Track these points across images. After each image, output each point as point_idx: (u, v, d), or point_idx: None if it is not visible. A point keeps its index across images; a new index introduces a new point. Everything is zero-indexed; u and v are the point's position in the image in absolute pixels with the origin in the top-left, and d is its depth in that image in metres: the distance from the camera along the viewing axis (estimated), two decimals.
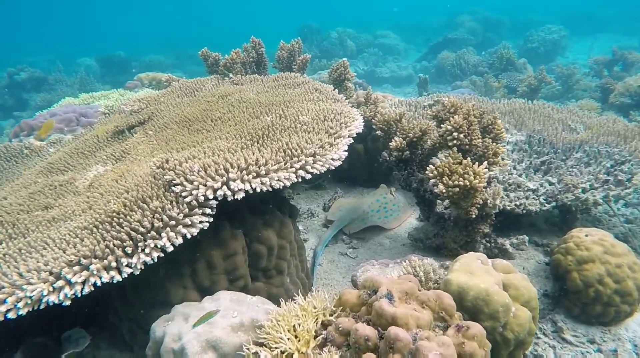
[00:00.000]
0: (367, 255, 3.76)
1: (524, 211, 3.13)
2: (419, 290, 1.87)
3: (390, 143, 3.35)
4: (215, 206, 2.27)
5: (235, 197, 2.22)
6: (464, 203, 2.71)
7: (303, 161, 2.40)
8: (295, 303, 1.99)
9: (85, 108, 4.78)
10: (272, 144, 2.60)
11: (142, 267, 2.05)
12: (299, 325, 1.83)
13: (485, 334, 1.69)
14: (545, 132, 4.05)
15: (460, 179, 2.58)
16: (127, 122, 3.83)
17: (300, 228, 4.24)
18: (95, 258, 2.03)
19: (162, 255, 2.09)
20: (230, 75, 4.53)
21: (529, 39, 14.15)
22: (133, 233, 2.09)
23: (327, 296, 2.00)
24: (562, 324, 2.77)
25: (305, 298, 2.07)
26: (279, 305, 2.20)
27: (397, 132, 3.39)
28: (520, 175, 3.61)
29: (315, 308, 1.92)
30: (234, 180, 2.22)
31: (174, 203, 2.23)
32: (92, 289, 1.95)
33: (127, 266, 2.01)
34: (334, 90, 3.73)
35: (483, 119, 3.11)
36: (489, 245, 3.11)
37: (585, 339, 2.70)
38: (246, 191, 2.25)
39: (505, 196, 3.22)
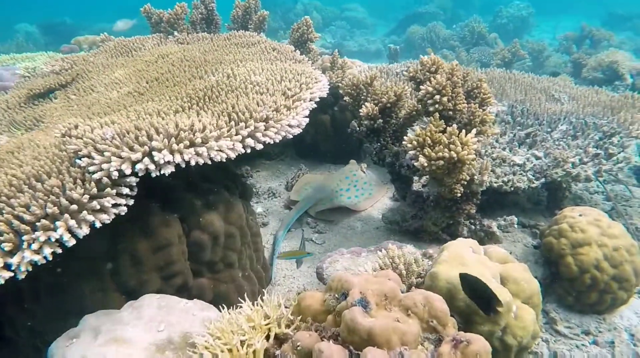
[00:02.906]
0: (336, 240, 3.32)
1: (512, 189, 2.76)
2: (402, 292, 1.43)
3: (360, 110, 2.87)
4: (135, 184, 1.73)
5: (162, 172, 1.69)
6: (449, 179, 2.29)
7: (252, 127, 1.88)
8: (240, 311, 1.52)
9: (0, 70, 4.01)
10: (214, 107, 2.06)
11: (30, 268, 1.50)
12: (243, 343, 1.35)
13: (490, 351, 1.28)
14: (528, 102, 3.69)
15: (445, 150, 2.15)
16: (45, 85, 3.16)
17: (260, 210, 3.74)
18: None
19: (59, 250, 1.55)
20: (175, 33, 3.88)
21: (498, 15, 13.87)
22: (15, 223, 1.52)
23: (283, 300, 1.53)
24: (555, 315, 2.45)
25: (254, 301, 1.59)
26: (229, 305, 1.71)
27: (368, 98, 2.91)
28: (503, 149, 3.24)
29: (267, 318, 1.45)
30: (160, 150, 1.68)
31: (79, 180, 1.68)
32: None
33: (3, 268, 1.45)
34: (295, 51, 3.20)
35: (467, 82, 2.68)
36: (473, 227, 2.73)
37: (579, 330, 2.40)
38: (177, 165, 1.72)
39: (491, 171, 2.83)
